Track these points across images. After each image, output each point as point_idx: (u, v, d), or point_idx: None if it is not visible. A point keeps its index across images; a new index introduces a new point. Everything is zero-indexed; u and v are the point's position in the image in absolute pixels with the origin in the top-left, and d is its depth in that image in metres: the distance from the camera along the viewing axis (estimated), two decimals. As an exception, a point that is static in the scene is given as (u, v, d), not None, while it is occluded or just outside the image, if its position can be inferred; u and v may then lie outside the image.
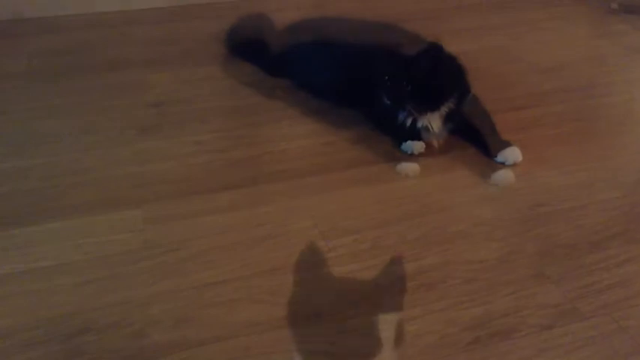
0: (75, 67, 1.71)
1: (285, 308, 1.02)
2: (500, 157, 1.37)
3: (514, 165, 1.37)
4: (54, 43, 1.88)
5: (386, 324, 0.99)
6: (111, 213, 1.21)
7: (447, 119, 1.40)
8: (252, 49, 1.80)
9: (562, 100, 1.62)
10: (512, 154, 1.37)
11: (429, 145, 1.41)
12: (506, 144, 1.39)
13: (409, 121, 1.39)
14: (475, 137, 1.43)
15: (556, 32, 2.00)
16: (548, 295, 1.05)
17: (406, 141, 1.40)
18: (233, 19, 1.87)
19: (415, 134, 1.41)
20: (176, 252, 1.13)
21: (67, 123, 1.48)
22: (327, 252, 1.13)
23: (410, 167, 1.37)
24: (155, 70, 1.75)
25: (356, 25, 1.69)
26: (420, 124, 1.39)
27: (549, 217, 1.22)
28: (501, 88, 1.64)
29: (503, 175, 1.35)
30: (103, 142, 1.42)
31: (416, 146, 1.39)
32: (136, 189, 1.28)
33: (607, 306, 1.02)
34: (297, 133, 1.48)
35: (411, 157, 1.40)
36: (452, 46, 1.37)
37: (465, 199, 1.27)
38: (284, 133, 1.49)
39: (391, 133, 1.45)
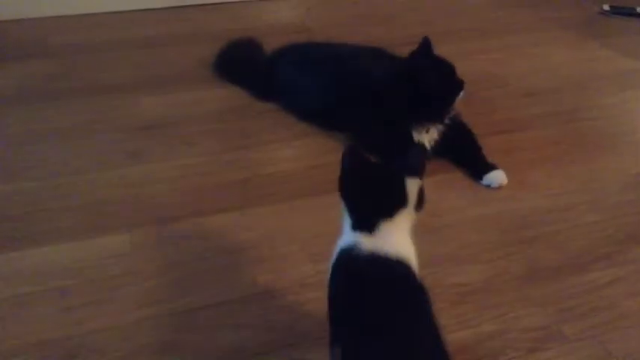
0: (63, 91, 1.71)
1: (272, 333, 1.02)
2: (486, 180, 1.39)
3: (499, 188, 1.38)
4: (44, 66, 1.89)
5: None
6: (98, 238, 1.21)
7: (447, 132, 1.43)
8: (241, 72, 1.81)
9: (546, 124, 1.64)
10: (497, 176, 1.39)
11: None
12: (492, 167, 1.40)
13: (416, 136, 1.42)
14: (461, 159, 1.45)
15: (540, 57, 2.04)
16: (533, 318, 1.05)
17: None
18: (223, 44, 1.89)
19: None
20: (163, 276, 1.12)
21: (56, 147, 1.48)
22: (314, 276, 1.14)
23: None
24: (144, 94, 1.76)
25: (344, 49, 1.71)
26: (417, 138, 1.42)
27: (534, 240, 1.24)
28: (486, 113, 1.66)
29: (495, 176, 1.38)
30: (92, 166, 1.43)
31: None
32: (123, 213, 1.28)
33: (592, 328, 1.03)
34: (285, 157, 1.49)
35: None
36: (437, 71, 1.39)
37: (451, 222, 1.28)
38: (272, 156, 1.49)
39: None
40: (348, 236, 0.82)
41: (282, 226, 1.26)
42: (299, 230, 1.25)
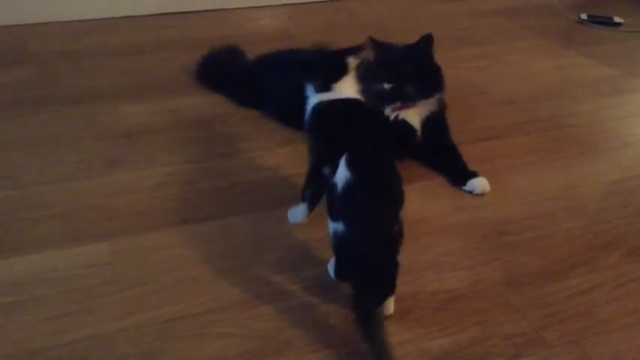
0: (43, 98, 1.70)
1: (255, 342, 1.01)
2: (468, 186, 1.40)
3: (482, 194, 1.39)
4: (23, 73, 1.87)
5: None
6: (77, 247, 1.20)
7: (429, 124, 1.44)
8: (223, 79, 1.81)
9: (526, 132, 1.66)
10: (480, 183, 1.40)
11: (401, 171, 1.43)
12: (474, 174, 1.41)
13: (393, 116, 1.42)
14: (442, 166, 1.46)
15: (520, 65, 2.06)
16: (514, 324, 1.06)
17: None
18: (205, 51, 1.88)
19: (398, 137, 1.43)
20: (143, 286, 1.11)
21: (34, 155, 1.46)
22: (297, 283, 1.13)
23: None
24: (125, 102, 1.75)
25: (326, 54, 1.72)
26: (401, 117, 1.42)
27: (515, 246, 1.25)
28: (467, 120, 1.67)
29: (478, 183, 1.39)
30: (71, 174, 1.41)
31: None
32: (103, 222, 1.27)
33: (572, 334, 1.04)
34: (267, 164, 1.49)
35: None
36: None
37: (432, 229, 1.29)
38: (254, 164, 1.49)
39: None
40: (315, 98, 1.23)
41: (264, 233, 1.25)
42: (282, 238, 1.24)
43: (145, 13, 2.30)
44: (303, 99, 1.58)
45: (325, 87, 1.22)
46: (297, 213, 1.22)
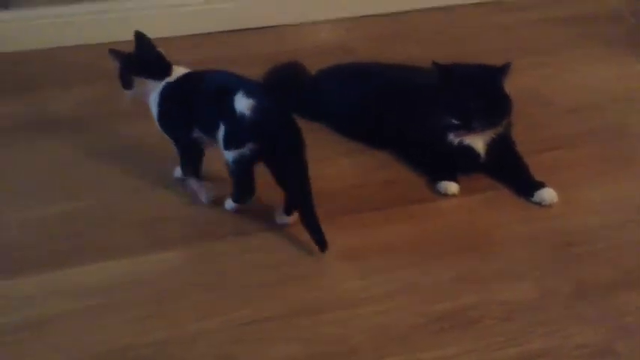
0: (118, 112, 1.76)
1: (322, 347, 1.04)
2: (536, 197, 1.39)
3: (549, 205, 1.38)
4: (96, 89, 1.95)
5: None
6: (157, 253, 1.26)
7: (493, 145, 1.44)
8: (286, 93, 1.86)
9: (593, 141, 1.63)
10: (548, 194, 1.38)
11: (467, 181, 1.44)
12: (541, 184, 1.41)
13: (457, 142, 1.43)
14: (508, 178, 1.46)
15: (584, 74, 2.02)
16: (584, 335, 1.05)
17: (443, 178, 1.44)
18: (268, 66, 1.94)
19: (461, 159, 1.45)
20: (219, 290, 1.16)
21: (111, 167, 1.54)
22: (362, 291, 1.16)
23: (450, 186, 1.42)
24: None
25: (389, 68, 1.75)
26: (466, 143, 1.43)
27: (584, 257, 1.23)
28: (532, 130, 1.66)
29: (546, 193, 1.38)
30: (146, 184, 1.47)
31: (450, 187, 1.42)
32: (177, 229, 1.33)
33: (644, 346, 1.03)
34: (330, 174, 1.52)
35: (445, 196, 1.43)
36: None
37: (499, 240, 1.29)
38: (317, 174, 1.51)
39: (432, 163, 1.49)
40: (158, 85, 1.36)
41: (328, 242, 1.28)
42: (345, 246, 1.27)
43: (209, 31, 2.39)
44: (367, 111, 1.62)
45: (166, 74, 1.38)
46: (204, 194, 1.40)
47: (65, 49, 2.18)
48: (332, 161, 1.57)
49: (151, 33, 1.44)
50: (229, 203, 1.36)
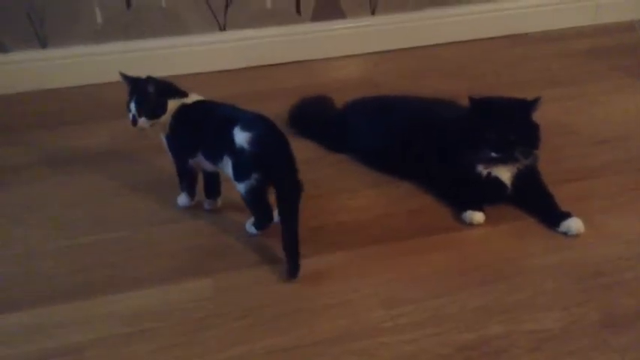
0: (152, 146, 1.83)
1: (350, 375, 1.05)
2: (562, 227, 1.39)
3: (576, 235, 1.38)
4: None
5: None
6: (184, 282, 1.29)
7: (520, 176, 1.45)
8: (314, 125, 1.90)
9: (619, 171, 1.63)
10: (575, 224, 1.38)
11: (493, 211, 1.45)
12: (567, 214, 1.41)
13: (485, 174, 1.45)
14: (534, 208, 1.47)
15: (609, 105, 2.03)
16: (613, 365, 1.04)
17: (469, 208, 1.45)
18: (295, 100, 1.98)
19: (488, 190, 1.46)
20: (244, 319, 1.19)
21: (146, 198, 1.59)
22: (388, 321, 1.17)
23: (475, 216, 1.43)
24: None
25: (413, 101, 1.78)
26: (493, 175, 1.45)
27: (611, 287, 1.23)
28: (557, 161, 1.67)
29: (573, 223, 1.38)
30: (179, 215, 1.51)
31: (475, 217, 1.43)
32: (207, 259, 1.36)
33: (676, 377, 1.01)
34: (357, 206, 1.54)
35: (470, 225, 1.44)
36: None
37: (524, 269, 1.29)
38: (344, 205, 1.55)
39: (460, 193, 1.50)
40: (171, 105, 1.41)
41: (355, 272, 1.30)
42: (372, 276, 1.29)
43: (236, 67, 2.46)
44: (394, 143, 1.65)
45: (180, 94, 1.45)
46: (184, 200, 1.52)
47: (99, 86, 2.27)
48: (358, 193, 1.60)
49: (179, 70, 1.50)
50: (251, 228, 1.42)
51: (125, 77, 1.43)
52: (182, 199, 1.53)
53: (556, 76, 2.27)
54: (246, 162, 1.30)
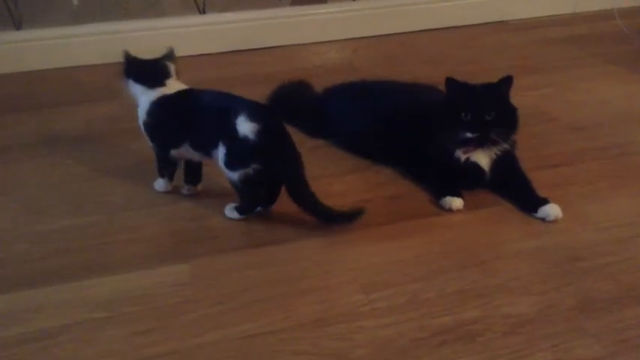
0: (128, 130, 1.80)
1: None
2: (541, 213, 1.40)
3: (553, 221, 1.39)
4: (108, 108, 1.99)
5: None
6: (161, 267, 1.28)
7: (498, 162, 1.45)
8: (293, 110, 1.88)
9: (597, 158, 1.65)
10: (553, 210, 1.39)
11: (472, 197, 1.45)
12: (545, 200, 1.41)
13: (464, 158, 1.45)
14: (512, 194, 1.47)
15: (588, 92, 2.04)
16: (587, 349, 1.05)
17: (448, 194, 1.45)
18: (275, 85, 1.97)
19: (467, 175, 1.47)
20: (221, 304, 1.18)
21: (122, 183, 1.57)
22: (366, 305, 1.17)
23: (454, 201, 1.44)
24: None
25: (394, 86, 1.77)
26: (472, 160, 1.45)
27: (588, 271, 1.24)
28: (535, 147, 1.67)
29: (551, 209, 1.39)
30: (157, 199, 1.50)
31: (454, 202, 1.44)
32: (184, 244, 1.35)
33: (649, 360, 1.03)
34: (336, 191, 1.54)
35: (449, 211, 1.44)
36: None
37: (502, 254, 1.30)
38: (323, 190, 1.53)
39: (439, 179, 1.50)
40: (149, 94, 1.41)
41: (334, 257, 1.30)
42: (350, 261, 1.28)
43: (216, 51, 2.44)
44: (373, 128, 1.64)
45: (160, 83, 1.42)
46: (161, 184, 1.51)
47: (76, 69, 2.23)
48: (337, 178, 1.59)
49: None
50: (232, 213, 1.40)
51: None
52: (160, 183, 1.51)
53: (535, 64, 2.28)
54: (247, 152, 1.30)
